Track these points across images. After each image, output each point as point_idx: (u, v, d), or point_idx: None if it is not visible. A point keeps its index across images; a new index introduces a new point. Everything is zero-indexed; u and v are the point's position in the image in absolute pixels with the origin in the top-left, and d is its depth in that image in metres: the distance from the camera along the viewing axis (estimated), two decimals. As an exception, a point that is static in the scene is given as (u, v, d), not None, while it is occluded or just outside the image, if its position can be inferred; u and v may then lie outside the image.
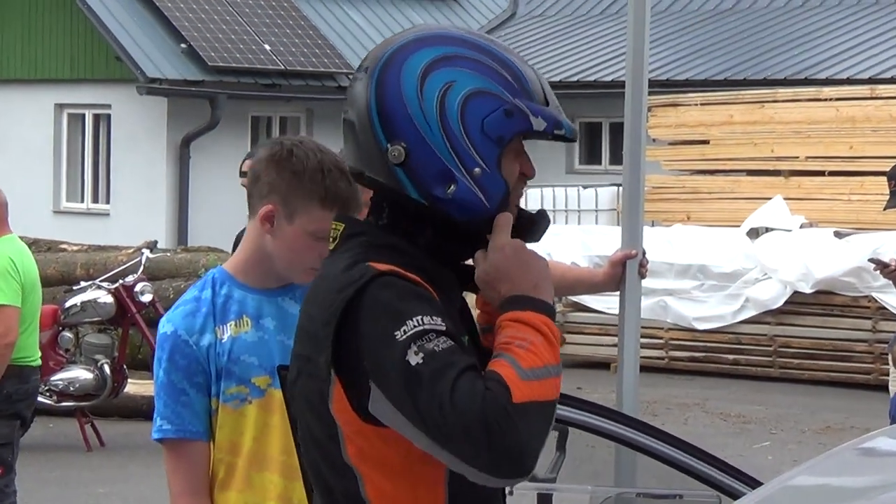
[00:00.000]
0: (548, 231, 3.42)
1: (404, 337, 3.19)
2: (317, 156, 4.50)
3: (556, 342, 3.29)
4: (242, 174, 9.54)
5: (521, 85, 3.34)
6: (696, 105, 22.47)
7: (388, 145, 3.33)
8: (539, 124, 3.33)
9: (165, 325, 4.54)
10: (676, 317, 18.59)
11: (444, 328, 3.21)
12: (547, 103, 3.36)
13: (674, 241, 18.67)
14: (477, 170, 3.31)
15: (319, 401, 3.33)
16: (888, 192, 10.61)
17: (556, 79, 26.63)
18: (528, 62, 3.43)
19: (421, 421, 3.17)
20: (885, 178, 18.49)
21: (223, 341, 4.49)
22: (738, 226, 19.64)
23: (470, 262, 3.43)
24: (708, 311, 18.64)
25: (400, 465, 3.31)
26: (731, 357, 18.56)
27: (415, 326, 3.19)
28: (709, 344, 18.69)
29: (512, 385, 3.16)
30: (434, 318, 3.22)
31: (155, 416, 4.53)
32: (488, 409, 3.13)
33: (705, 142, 22.12)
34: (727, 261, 18.68)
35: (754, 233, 19.25)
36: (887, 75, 22.98)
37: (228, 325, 4.51)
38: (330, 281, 3.35)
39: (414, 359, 3.17)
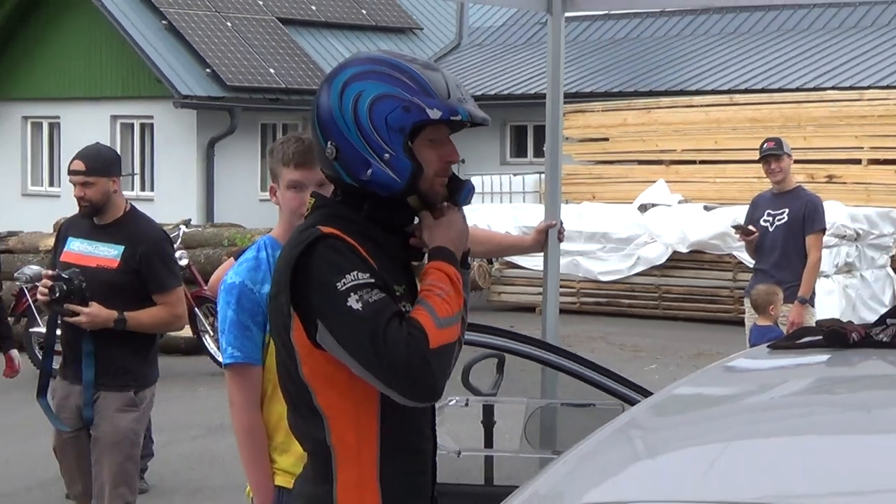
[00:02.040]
0: (477, 200, 3.49)
1: (344, 287, 3.26)
2: (285, 136, 4.66)
3: (461, 291, 3.38)
4: None
5: (419, 86, 3.38)
6: (599, 111, 22.48)
7: (326, 145, 3.41)
8: (434, 114, 3.36)
9: (233, 277, 4.57)
10: (585, 271, 18.64)
11: (373, 282, 3.28)
12: (448, 97, 3.40)
13: (583, 215, 18.69)
14: (386, 155, 3.35)
15: (283, 330, 3.38)
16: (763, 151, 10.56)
17: (493, 92, 26.60)
18: (442, 69, 3.50)
19: (358, 354, 3.25)
20: (741, 165, 18.59)
21: None
22: (631, 202, 19.68)
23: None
24: (609, 266, 18.69)
25: (343, 381, 3.34)
26: (626, 301, 18.61)
27: (352, 280, 3.27)
28: (610, 291, 18.73)
29: (430, 333, 3.25)
30: (364, 273, 3.29)
31: (224, 346, 4.56)
32: (412, 355, 3.22)
33: (606, 139, 22.14)
34: (623, 229, 18.72)
35: (643, 208, 19.29)
36: (742, 87, 23.04)
37: None
38: (292, 239, 3.44)
39: (354, 306, 3.25)
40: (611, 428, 2.44)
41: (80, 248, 6.67)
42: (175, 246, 14.23)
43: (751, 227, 10.35)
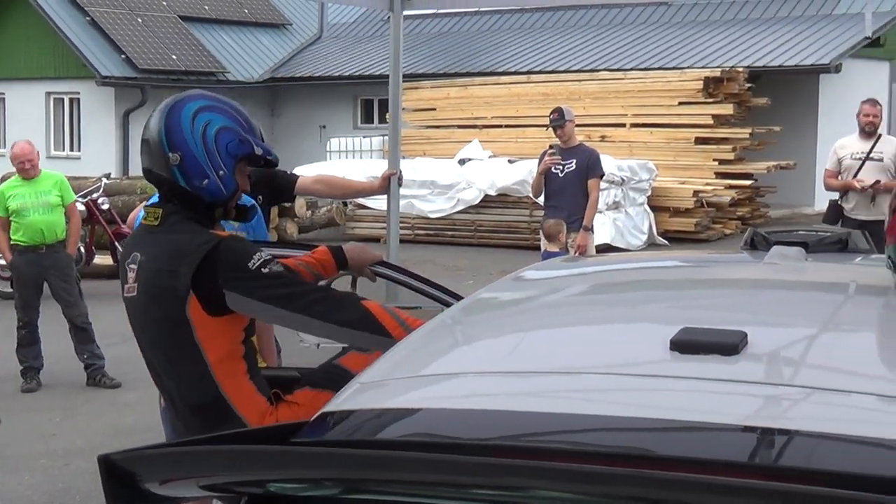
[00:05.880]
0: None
1: (255, 265, 3.29)
2: None
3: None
4: None
5: (249, 126, 3.46)
6: (428, 88, 22.50)
7: (170, 153, 3.38)
8: (258, 150, 3.46)
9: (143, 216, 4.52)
10: (418, 210, 18.71)
11: (272, 257, 3.37)
12: (263, 140, 3.51)
13: (416, 167, 18.73)
14: (221, 172, 3.41)
15: (176, 307, 3.33)
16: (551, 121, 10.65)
17: (347, 73, 26.43)
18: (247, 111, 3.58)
19: (280, 304, 3.30)
20: (536, 129, 18.77)
21: None
22: (453, 157, 19.78)
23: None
24: (436, 206, 18.77)
25: (231, 339, 3.41)
26: (449, 233, 18.73)
27: (259, 258, 3.31)
28: (437, 226, 18.83)
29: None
30: (265, 252, 3.37)
31: None
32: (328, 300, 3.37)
33: (433, 109, 22.17)
34: (446, 177, 18.81)
35: (462, 161, 19.40)
36: (537, 69, 23.22)
37: None
38: (180, 243, 3.36)
39: (268, 272, 3.30)
40: (432, 324, 2.47)
41: None
42: (99, 193, 14.24)
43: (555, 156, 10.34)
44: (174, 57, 25.95)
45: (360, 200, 18.64)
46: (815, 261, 2.78)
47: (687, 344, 1.92)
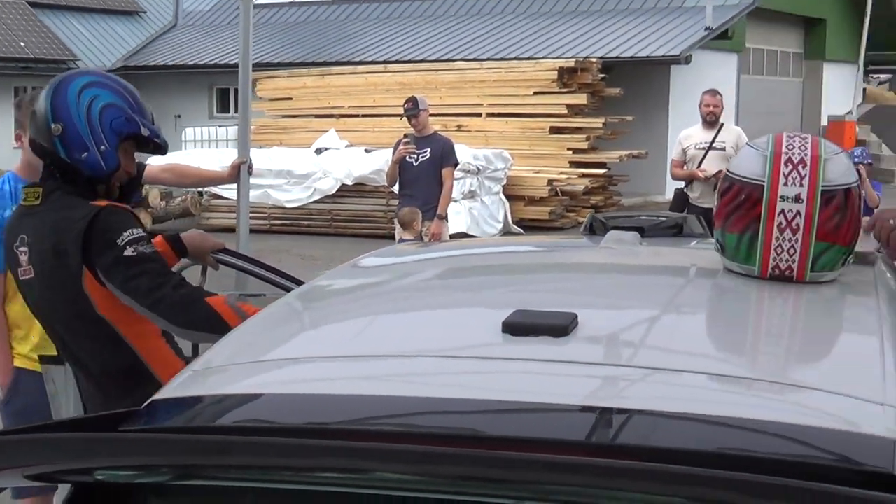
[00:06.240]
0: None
1: (123, 242, 3.27)
2: (32, 94, 4.48)
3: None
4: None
5: (138, 107, 3.46)
6: (285, 77, 22.35)
7: (52, 123, 3.37)
8: (145, 131, 3.45)
9: None
10: (275, 200, 18.57)
11: (145, 234, 3.35)
12: (153, 122, 3.50)
13: (272, 157, 18.61)
14: (102, 147, 3.38)
15: (72, 285, 3.34)
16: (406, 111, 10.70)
17: (203, 62, 26.12)
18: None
19: (132, 296, 3.29)
20: (391, 119, 18.78)
21: None
22: (309, 147, 19.70)
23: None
24: (293, 196, 18.67)
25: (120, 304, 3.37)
26: (305, 223, 18.64)
27: (129, 235, 3.29)
28: (293, 215, 18.72)
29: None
30: (138, 229, 3.34)
31: None
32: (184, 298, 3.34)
33: (290, 98, 22.04)
34: (303, 167, 18.73)
35: (319, 151, 19.33)
36: (394, 59, 23.27)
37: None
38: (63, 220, 3.36)
39: (130, 255, 3.28)
40: (268, 310, 2.46)
41: None
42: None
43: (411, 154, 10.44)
44: (22, 44, 25.34)
45: (215, 190, 18.43)
46: (650, 245, 2.85)
47: (518, 326, 1.95)
